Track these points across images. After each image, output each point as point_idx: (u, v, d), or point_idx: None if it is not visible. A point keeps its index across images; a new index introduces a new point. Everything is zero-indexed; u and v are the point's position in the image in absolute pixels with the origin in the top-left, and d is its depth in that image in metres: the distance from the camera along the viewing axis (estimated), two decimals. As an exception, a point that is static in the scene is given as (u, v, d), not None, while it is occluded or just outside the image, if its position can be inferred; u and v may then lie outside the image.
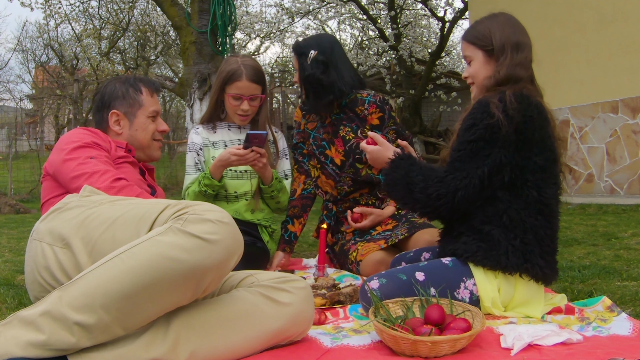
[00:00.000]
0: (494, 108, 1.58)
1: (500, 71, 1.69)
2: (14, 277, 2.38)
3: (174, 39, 12.20)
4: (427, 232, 2.17)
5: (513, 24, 1.74)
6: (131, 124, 1.93)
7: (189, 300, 1.22)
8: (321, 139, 2.46)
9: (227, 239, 1.20)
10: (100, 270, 1.16)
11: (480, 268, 1.61)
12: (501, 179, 1.61)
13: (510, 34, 1.71)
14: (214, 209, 1.23)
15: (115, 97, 1.92)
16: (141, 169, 1.96)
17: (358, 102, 2.43)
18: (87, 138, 1.75)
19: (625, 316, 1.54)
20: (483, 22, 1.77)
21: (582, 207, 4.48)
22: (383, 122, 2.42)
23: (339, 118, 2.44)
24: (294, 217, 2.47)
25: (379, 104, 2.42)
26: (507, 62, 1.68)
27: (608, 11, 5.13)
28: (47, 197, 1.78)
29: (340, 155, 2.42)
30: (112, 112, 1.91)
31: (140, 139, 1.95)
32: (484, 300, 1.61)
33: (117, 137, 1.92)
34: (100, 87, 2.00)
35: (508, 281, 1.61)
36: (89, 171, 1.66)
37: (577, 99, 5.37)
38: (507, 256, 1.58)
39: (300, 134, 2.55)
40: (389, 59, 11.82)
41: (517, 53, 1.69)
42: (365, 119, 2.42)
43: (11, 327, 1.14)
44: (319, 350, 1.35)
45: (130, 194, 1.66)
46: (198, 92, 4.43)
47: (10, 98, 20.03)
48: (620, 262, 2.40)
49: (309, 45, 2.36)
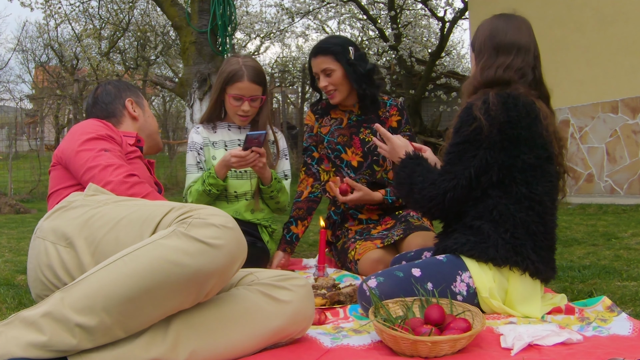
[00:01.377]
0: (476, 111, 1.61)
1: (477, 73, 1.72)
2: (14, 277, 2.38)
3: (174, 39, 12.21)
4: (420, 234, 2.19)
5: (500, 25, 1.72)
6: (143, 111, 1.99)
7: (190, 304, 1.21)
8: (336, 143, 2.47)
9: (230, 244, 1.19)
10: (102, 272, 1.16)
11: (473, 260, 1.63)
12: (489, 179, 1.64)
13: (490, 36, 1.71)
14: (219, 213, 1.23)
15: (124, 89, 1.97)
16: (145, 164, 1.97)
17: (380, 105, 2.47)
18: (102, 130, 1.74)
19: (625, 316, 1.54)
20: (479, 26, 1.80)
21: (582, 207, 4.49)
22: (400, 126, 2.46)
23: (360, 119, 2.46)
24: (298, 219, 2.47)
25: (400, 107, 2.48)
26: (483, 65, 1.71)
27: (608, 11, 5.13)
28: (55, 187, 1.74)
29: (358, 157, 2.43)
30: (128, 100, 1.95)
31: (152, 125, 2.01)
32: (481, 291, 1.62)
33: (134, 124, 1.94)
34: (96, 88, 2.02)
35: (502, 274, 1.63)
36: (102, 164, 1.64)
37: (577, 99, 5.37)
38: (497, 248, 1.60)
39: (312, 137, 2.55)
40: (389, 59, 11.82)
41: (497, 55, 1.69)
42: (386, 121, 2.45)
43: (12, 328, 1.14)
44: (319, 350, 1.35)
45: (142, 191, 1.65)
46: (198, 92, 4.43)
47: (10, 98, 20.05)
48: (620, 262, 2.40)
49: (340, 44, 2.37)
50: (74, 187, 1.69)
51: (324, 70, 2.36)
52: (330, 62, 2.35)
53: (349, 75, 2.36)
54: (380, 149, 1.93)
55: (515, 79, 1.67)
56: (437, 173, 1.69)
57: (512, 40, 1.70)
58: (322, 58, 2.36)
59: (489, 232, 1.62)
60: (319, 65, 2.37)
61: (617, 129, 5.10)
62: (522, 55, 1.69)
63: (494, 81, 1.68)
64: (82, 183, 1.66)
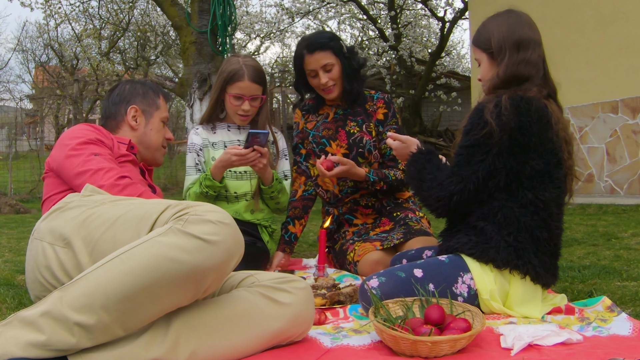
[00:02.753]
0: (487, 114, 1.59)
1: (500, 72, 1.69)
2: (14, 277, 2.38)
3: (174, 39, 12.21)
4: (421, 239, 2.18)
5: (514, 21, 1.71)
6: (147, 123, 1.96)
7: (189, 301, 1.22)
8: (320, 137, 2.46)
9: (227, 240, 1.19)
10: (100, 270, 1.16)
11: (476, 262, 1.62)
12: (496, 183, 1.64)
13: (508, 33, 1.69)
14: (215, 209, 1.23)
15: (137, 95, 1.96)
16: (141, 168, 1.97)
17: (367, 98, 2.47)
18: (91, 134, 1.74)
19: (625, 316, 1.54)
20: (485, 24, 1.78)
21: (582, 207, 4.48)
22: (387, 119, 2.45)
23: (347, 112, 2.46)
24: (295, 218, 2.47)
25: (387, 100, 2.48)
26: (507, 62, 1.68)
27: (608, 11, 5.13)
28: (49, 194, 1.76)
29: (343, 149, 2.42)
30: (132, 107, 1.93)
31: (153, 140, 1.98)
32: (482, 293, 1.62)
33: (132, 132, 1.93)
34: (119, 84, 2.02)
35: (503, 276, 1.62)
36: (93, 168, 1.65)
37: (577, 99, 5.38)
38: (498, 250, 1.60)
39: (299, 135, 2.55)
40: (389, 59, 11.82)
41: (519, 51, 1.68)
42: (372, 114, 2.45)
43: (11, 328, 1.14)
44: (319, 350, 1.35)
45: (134, 192, 1.66)
46: (198, 92, 4.43)
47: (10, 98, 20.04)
48: (620, 262, 2.40)
49: (334, 38, 2.38)
50: (68, 191, 1.69)
51: (324, 65, 2.34)
52: (330, 57, 2.34)
53: (344, 70, 2.37)
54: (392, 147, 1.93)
55: (534, 74, 1.67)
56: (445, 174, 1.68)
57: (529, 35, 1.70)
58: (322, 54, 2.34)
59: (491, 233, 1.62)
60: (319, 61, 2.34)
61: (617, 129, 5.10)
62: (538, 50, 1.70)
63: (516, 77, 1.66)
64: (73, 188, 1.66)
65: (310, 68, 2.36)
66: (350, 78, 2.39)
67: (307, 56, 2.35)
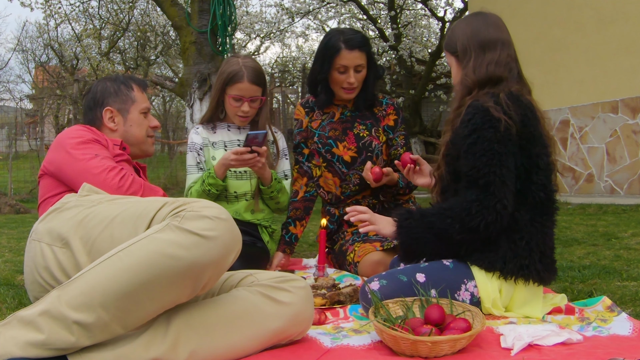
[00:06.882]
0: (494, 111, 1.55)
1: (469, 73, 1.66)
2: (14, 277, 2.38)
3: (174, 39, 12.21)
4: None
5: (479, 23, 1.69)
6: (125, 120, 1.91)
7: (188, 297, 1.22)
8: (327, 137, 2.45)
9: (224, 235, 1.20)
10: (98, 268, 1.16)
11: (482, 270, 1.61)
12: None
13: (472, 35, 1.67)
14: (211, 205, 1.23)
15: (108, 95, 1.91)
16: (135, 167, 1.96)
17: (375, 102, 2.46)
18: (88, 135, 1.74)
19: (626, 316, 1.54)
20: (453, 27, 1.77)
21: (582, 207, 4.48)
22: (397, 125, 2.46)
23: (355, 115, 2.45)
24: (296, 219, 2.46)
25: (396, 106, 2.48)
26: (473, 64, 1.65)
27: (608, 11, 5.13)
28: (45, 196, 1.76)
29: (352, 152, 2.41)
30: (107, 109, 1.88)
31: (135, 134, 1.93)
32: (484, 301, 1.61)
33: (112, 134, 1.90)
34: (90, 86, 1.98)
35: (508, 283, 1.61)
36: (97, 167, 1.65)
37: (577, 99, 5.37)
38: (505, 261, 1.58)
39: (301, 133, 2.52)
40: (389, 59, 11.81)
41: (485, 52, 1.66)
42: (381, 119, 2.45)
43: (10, 328, 1.14)
44: (319, 350, 1.35)
45: (138, 190, 1.66)
46: (198, 92, 4.43)
47: (10, 98, 20.02)
48: (620, 262, 2.40)
49: (370, 43, 2.38)
50: (64, 193, 1.69)
51: (357, 65, 2.31)
52: (363, 59, 2.32)
53: (369, 75, 2.36)
54: (362, 225, 1.78)
55: (506, 74, 1.64)
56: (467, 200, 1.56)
57: (495, 35, 1.67)
58: (359, 53, 2.30)
59: (499, 241, 1.59)
60: (355, 59, 2.30)
61: (617, 129, 5.10)
62: (507, 50, 1.67)
63: (487, 78, 1.64)
64: (76, 189, 1.66)
65: (344, 64, 2.30)
66: (370, 84, 2.38)
67: (346, 51, 2.28)
